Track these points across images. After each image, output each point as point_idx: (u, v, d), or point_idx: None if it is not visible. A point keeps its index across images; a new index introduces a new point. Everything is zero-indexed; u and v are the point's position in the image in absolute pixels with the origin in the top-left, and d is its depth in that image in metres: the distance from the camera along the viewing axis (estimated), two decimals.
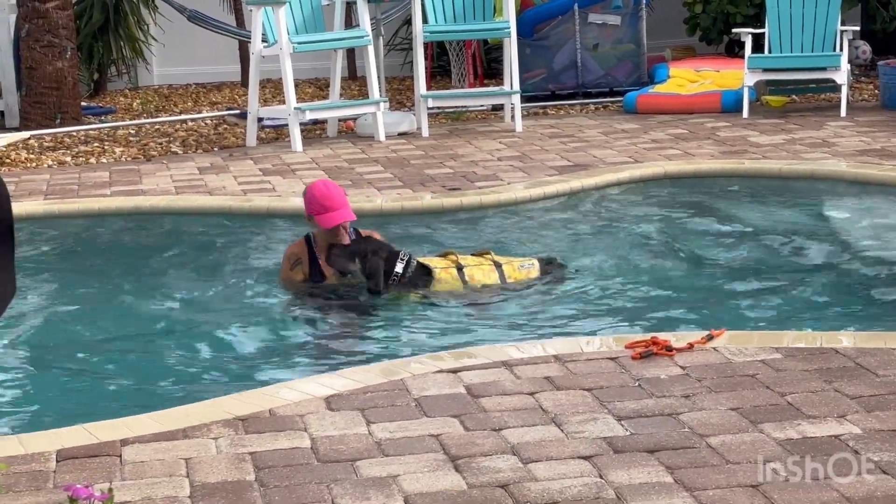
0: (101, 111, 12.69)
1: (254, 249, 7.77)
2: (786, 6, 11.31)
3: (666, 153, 9.70)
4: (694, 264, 7.14)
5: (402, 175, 9.29)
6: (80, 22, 13.09)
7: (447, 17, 11.34)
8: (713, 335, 5.33)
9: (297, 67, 11.02)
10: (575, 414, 4.60)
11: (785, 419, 4.47)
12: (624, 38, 12.54)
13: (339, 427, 4.56)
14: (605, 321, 6.19)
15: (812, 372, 4.92)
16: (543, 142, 10.42)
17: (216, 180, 9.40)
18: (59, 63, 11.87)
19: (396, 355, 5.66)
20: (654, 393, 4.77)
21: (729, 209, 8.31)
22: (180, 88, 14.29)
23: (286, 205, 8.53)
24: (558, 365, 5.12)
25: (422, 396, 4.83)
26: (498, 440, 4.39)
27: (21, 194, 9.11)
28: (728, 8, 12.96)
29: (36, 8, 11.79)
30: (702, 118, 11.18)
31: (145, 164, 10.25)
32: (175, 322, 6.48)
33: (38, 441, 4.56)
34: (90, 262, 7.70)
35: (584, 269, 7.02)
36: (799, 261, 7.16)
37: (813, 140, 9.99)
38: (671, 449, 4.26)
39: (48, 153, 10.76)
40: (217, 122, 12.12)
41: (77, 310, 6.77)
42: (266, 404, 4.80)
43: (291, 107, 10.50)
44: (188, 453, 4.38)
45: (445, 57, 13.65)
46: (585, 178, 8.93)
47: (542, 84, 12.53)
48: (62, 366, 5.96)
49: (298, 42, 10.57)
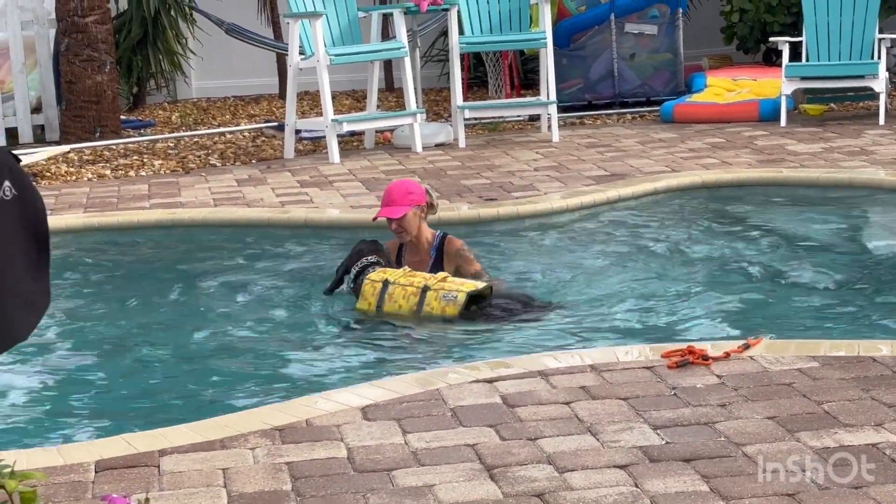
0: (140, 124, 12.78)
1: (291, 261, 7.80)
2: (823, 14, 11.27)
3: (703, 162, 9.69)
4: (731, 273, 7.12)
5: (440, 186, 9.30)
6: (119, 36, 13.19)
7: (483, 28, 11.36)
8: (750, 344, 5.32)
9: (334, 79, 11.07)
10: (611, 423, 4.60)
11: (822, 428, 4.45)
12: (661, 47, 12.53)
13: (376, 437, 4.57)
14: (641, 330, 6.18)
15: (849, 380, 4.90)
16: (580, 152, 10.42)
17: (254, 192, 9.44)
18: (98, 77, 11.96)
19: (432, 365, 5.67)
20: (690, 402, 4.76)
21: (766, 218, 8.28)
22: (218, 101, 14.36)
23: (323, 216, 8.57)
24: (594, 374, 5.12)
25: (457, 406, 4.84)
26: (534, 449, 4.40)
27: (61, 207, 9.18)
28: (765, 17, 12.93)
29: (75, 22, 11.89)
30: (739, 127, 11.15)
31: (184, 176, 10.32)
32: (213, 333, 6.51)
33: (77, 452, 4.59)
34: (129, 275, 7.75)
35: (620, 278, 7.01)
36: (836, 270, 7.13)
37: (851, 148, 9.95)
38: (707, 458, 4.26)
39: (88, 166, 10.85)
40: (255, 134, 12.18)
41: (115, 322, 6.82)
42: (303, 414, 4.82)
43: (329, 119, 10.54)
44: (226, 463, 4.41)
45: (482, 68, 13.67)
46: (622, 187, 8.92)
47: (578, 94, 12.52)
48: (100, 377, 6.01)
49: (335, 54, 10.61)
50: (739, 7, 13.10)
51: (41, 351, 6.25)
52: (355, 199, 8.98)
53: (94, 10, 11.91)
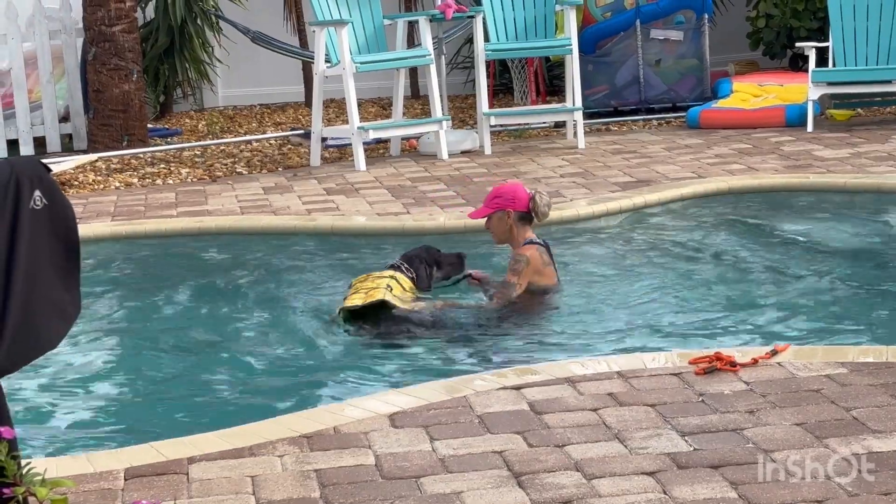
0: (167, 133, 12.83)
1: (318, 268, 7.82)
2: (850, 19, 11.24)
3: (730, 168, 9.67)
4: (758, 279, 7.10)
5: (465, 193, 9.32)
6: (145, 45, 13.24)
7: (509, 35, 11.36)
8: (778, 350, 5.31)
9: (360, 87, 11.09)
10: (638, 430, 4.60)
11: (850, 434, 4.44)
12: (686, 53, 12.51)
13: (403, 444, 4.58)
14: (668, 336, 6.17)
15: (878, 386, 4.88)
16: (606, 158, 10.42)
17: (281, 200, 9.47)
18: (125, 86, 12.01)
19: (460, 372, 5.68)
20: (717, 408, 4.76)
21: (794, 224, 8.26)
22: (245, 109, 14.40)
23: (350, 223, 8.58)
24: (621, 381, 5.12)
25: (485, 413, 4.84)
26: (561, 456, 4.40)
27: (89, 216, 9.22)
28: (791, 22, 12.90)
29: (103, 31, 11.95)
30: (766, 133, 11.13)
31: (211, 184, 10.35)
32: (241, 341, 6.54)
33: (106, 459, 4.62)
34: (157, 283, 7.78)
35: (647, 285, 7.00)
36: (864, 275, 7.11)
37: (878, 153, 9.92)
38: (735, 464, 4.25)
39: (115, 175, 10.89)
40: (281, 142, 12.21)
41: (144, 329, 6.85)
42: (331, 422, 4.84)
43: (355, 126, 10.56)
44: (254, 471, 4.42)
45: (507, 75, 13.68)
46: (648, 193, 8.92)
47: (604, 100, 12.52)
48: (130, 385, 6.04)
49: (361, 62, 10.63)
50: (766, 12, 13.08)
51: (70, 359, 6.28)
52: (381, 207, 8.99)
53: (121, 20, 11.97)
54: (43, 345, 3.51)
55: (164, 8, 13.36)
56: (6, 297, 3.32)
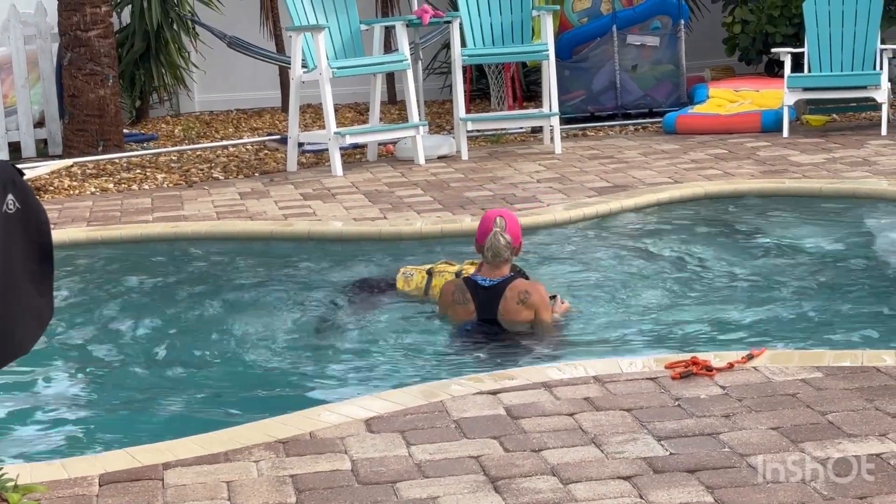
0: (143, 138, 12.79)
1: (294, 273, 7.80)
2: (825, 25, 11.28)
3: (706, 173, 9.69)
4: (733, 284, 7.12)
5: (442, 198, 9.31)
6: (121, 50, 13.21)
7: (486, 40, 11.37)
8: (754, 355, 5.32)
9: (336, 92, 11.08)
10: (615, 434, 4.60)
11: (826, 438, 4.45)
12: (663, 58, 12.54)
13: (380, 449, 4.57)
14: (644, 341, 6.18)
15: (853, 391, 4.90)
16: (583, 163, 10.43)
17: (257, 205, 9.45)
18: (101, 91, 11.97)
19: (436, 377, 5.67)
20: (694, 413, 4.76)
21: (770, 229, 8.28)
22: (221, 114, 14.38)
23: (327, 229, 8.57)
24: (598, 386, 5.12)
25: (461, 418, 4.84)
26: (538, 461, 4.40)
27: (64, 221, 9.19)
28: (767, 28, 12.94)
29: (78, 37, 11.91)
30: (742, 138, 11.15)
31: (187, 189, 10.32)
32: (216, 346, 6.52)
33: (80, 465, 4.59)
34: (132, 288, 7.75)
35: (623, 290, 7.01)
36: (839, 280, 7.13)
37: (854, 159, 9.96)
38: (711, 468, 4.25)
39: (91, 180, 10.86)
40: (258, 147, 12.19)
41: (119, 335, 6.82)
42: (307, 427, 4.82)
43: (331, 131, 10.55)
44: (230, 476, 4.41)
45: (484, 80, 13.69)
46: (625, 199, 8.93)
47: (581, 106, 12.53)
48: (104, 390, 6.01)
49: (338, 67, 10.62)
50: (741, 18, 13.12)
51: (43, 364, 6.25)
52: (358, 212, 8.98)
53: (96, 25, 11.93)
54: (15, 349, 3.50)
55: (140, 13, 13.33)
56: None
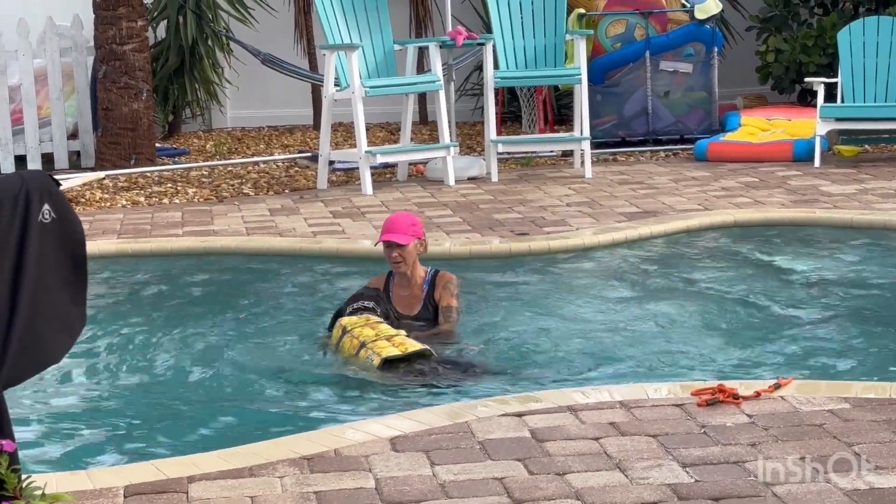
0: (174, 152, 12.85)
1: (323, 291, 7.82)
2: (859, 55, 11.26)
3: (736, 201, 9.67)
4: (762, 313, 7.10)
5: (471, 219, 9.32)
6: (156, 64, 13.29)
7: (518, 63, 11.39)
8: (781, 384, 5.30)
9: (368, 111, 11.12)
10: (639, 460, 4.59)
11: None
12: (695, 85, 12.53)
13: (404, 468, 4.57)
14: (671, 368, 6.17)
15: (881, 423, 4.87)
16: (613, 188, 10.42)
17: (287, 222, 9.48)
18: (134, 104, 12.04)
19: (462, 398, 5.67)
20: (720, 440, 4.75)
21: (799, 259, 8.26)
22: (253, 131, 14.43)
23: (355, 247, 8.59)
24: (623, 410, 5.11)
25: (486, 439, 4.83)
26: (562, 484, 4.39)
27: (95, 233, 9.23)
28: (801, 57, 12.93)
29: (113, 50, 11.99)
30: (773, 167, 11.13)
31: (217, 205, 10.36)
32: (243, 361, 6.53)
33: (106, 476, 4.61)
34: (161, 301, 7.78)
35: (651, 316, 7.00)
36: (869, 311, 7.10)
37: (885, 190, 9.92)
38: (736, 497, 4.24)
39: (122, 193, 10.91)
40: (289, 164, 12.23)
41: (148, 348, 6.84)
42: (332, 444, 4.83)
43: (362, 150, 10.58)
44: (254, 491, 4.42)
45: (516, 102, 13.70)
46: (654, 224, 8.92)
47: (612, 130, 12.53)
48: (130, 402, 6.03)
49: (370, 86, 10.66)
50: (775, 47, 13.11)
51: (72, 374, 6.28)
52: None
53: (132, 39, 12.01)
54: (48, 358, 3.52)
55: (175, 28, 13.41)
56: (13, 309, 3.33)
